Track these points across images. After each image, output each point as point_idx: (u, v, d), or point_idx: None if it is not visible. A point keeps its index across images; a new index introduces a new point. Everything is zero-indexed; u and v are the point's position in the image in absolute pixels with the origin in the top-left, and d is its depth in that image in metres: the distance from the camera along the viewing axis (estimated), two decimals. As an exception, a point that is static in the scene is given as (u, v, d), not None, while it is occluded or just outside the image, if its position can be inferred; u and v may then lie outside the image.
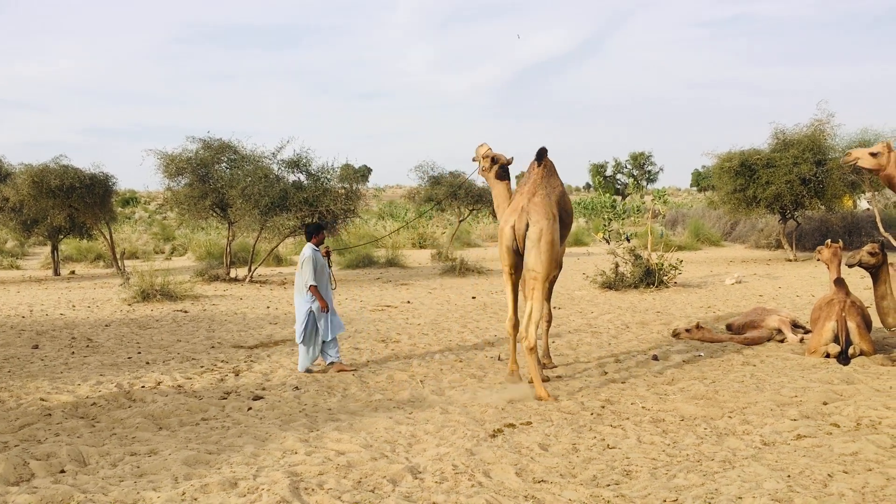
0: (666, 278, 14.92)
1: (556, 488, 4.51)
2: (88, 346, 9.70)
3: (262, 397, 6.90)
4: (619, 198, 64.25)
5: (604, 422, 5.93)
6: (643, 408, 6.32)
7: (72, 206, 19.46)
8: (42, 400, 6.77)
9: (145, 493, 4.42)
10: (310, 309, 8.06)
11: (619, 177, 75.16)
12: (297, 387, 7.35)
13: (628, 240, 17.78)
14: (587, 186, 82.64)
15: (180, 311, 12.88)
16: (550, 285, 7.66)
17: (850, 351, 7.78)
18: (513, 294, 7.18)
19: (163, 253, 30.51)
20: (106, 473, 4.80)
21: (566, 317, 11.57)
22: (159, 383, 7.50)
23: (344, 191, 17.90)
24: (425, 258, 24.21)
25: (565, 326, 10.64)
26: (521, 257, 6.87)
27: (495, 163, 7.69)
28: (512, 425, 5.84)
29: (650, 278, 14.69)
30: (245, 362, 8.54)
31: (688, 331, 9.41)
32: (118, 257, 21.10)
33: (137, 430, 5.82)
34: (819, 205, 20.63)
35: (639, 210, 38.84)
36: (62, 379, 7.68)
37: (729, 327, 9.83)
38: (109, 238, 21.24)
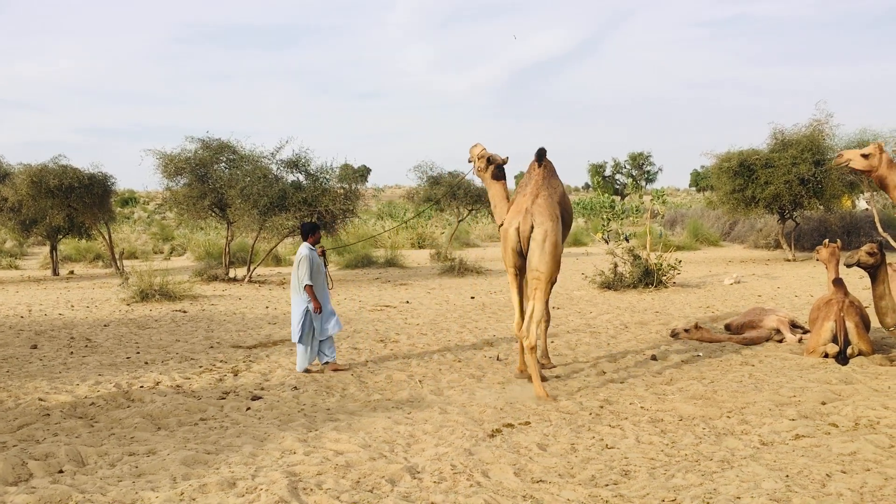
0: (665, 278, 14.92)
1: (555, 488, 4.52)
2: (87, 346, 9.70)
3: (260, 397, 6.90)
4: (618, 198, 64.32)
5: (602, 422, 5.93)
6: (642, 408, 6.33)
7: (71, 206, 19.44)
8: (40, 400, 6.77)
9: (143, 493, 4.42)
10: (306, 308, 8.04)
11: (618, 177, 75.16)
12: (295, 387, 7.35)
13: (627, 240, 17.74)
14: (586, 186, 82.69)
15: (179, 311, 12.87)
16: (550, 286, 7.67)
17: (849, 351, 7.78)
18: (519, 296, 7.19)
19: (162, 253, 30.48)
20: (104, 473, 4.80)
21: (565, 317, 11.57)
22: (158, 383, 7.50)
23: (343, 191, 17.90)
24: (424, 258, 24.20)
25: (564, 326, 10.64)
26: (525, 258, 6.88)
27: (491, 163, 7.65)
28: (510, 425, 5.85)
29: (649, 278, 14.70)
30: (244, 362, 8.53)
31: (686, 331, 9.41)
32: (117, 257, 21.09)
33: (136, 430, 5.82)
34: (818, 205, 20.63)
35: (638, 210, 38.86)
36: (61, 379, 7.67)
37: (727, 327, 9.83)
38: (108, 238, 21.22)
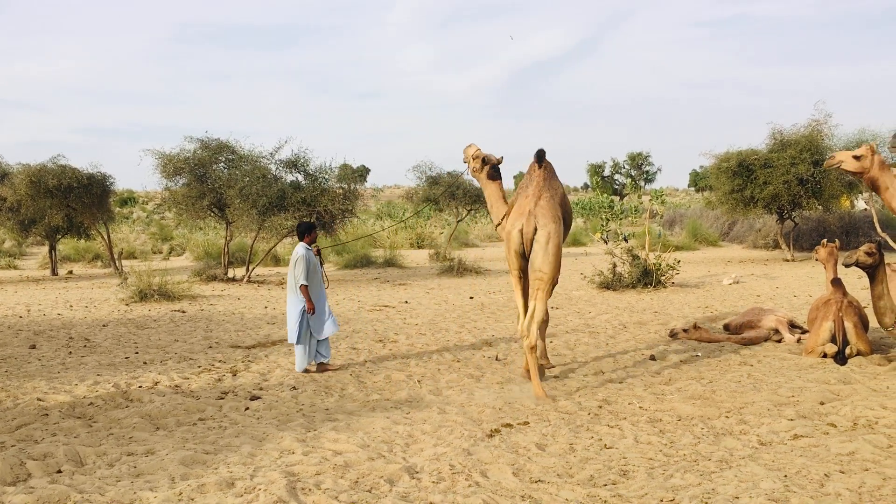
0: (663, 278, 14.92)
1: (553, 488, 4.52)
2: (86, 346, 9.69)
3: (259, 397, 6.90)
4: (617, 198, 64.38)
5: (601, 422, 5.94)
6: (640, 408, 6.33)
7: (69, 205, 19.44)
8: (39, 400, 6.77)
9: (142, 493, 4.42)
10: (303, 308, 8.05)
11: (616, 177, 75.16)
12: (294, 387, 7.35)
13: (626, 240, 17.78)
14: (585, 186, 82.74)
15: (178, 311, 12.86)
16: (552, 287, 7.69)
17: (847, 351, 7.79)
18: (523, 298, 7.20)
19: (160, 253, 30.48)
20: (103, 473, 4.80)
21: (564, 317, 11.58)
22: (156, 383, 7.50)
23: (342, 191, 17.90)
24: (423, 258, 24.21)
25: (563, 326, 10.64)
26: (528, 260, 6.89)
27: (486, 163, 7.67)
28: (509, 425, 5.85)
29: (648, 278, 14.70)
30: (242, 362, 8.53)
31: (685, 331, 9.41)
32: (116, 257, 21.09)
33: (134, 430, 5.82)
34: (816, 205, 20.63)
35: (636, 210, 38.89)
36: (59, 379, 7.67)
37: (726, 327, 9.83)
38: (107, 238, 21.21)
